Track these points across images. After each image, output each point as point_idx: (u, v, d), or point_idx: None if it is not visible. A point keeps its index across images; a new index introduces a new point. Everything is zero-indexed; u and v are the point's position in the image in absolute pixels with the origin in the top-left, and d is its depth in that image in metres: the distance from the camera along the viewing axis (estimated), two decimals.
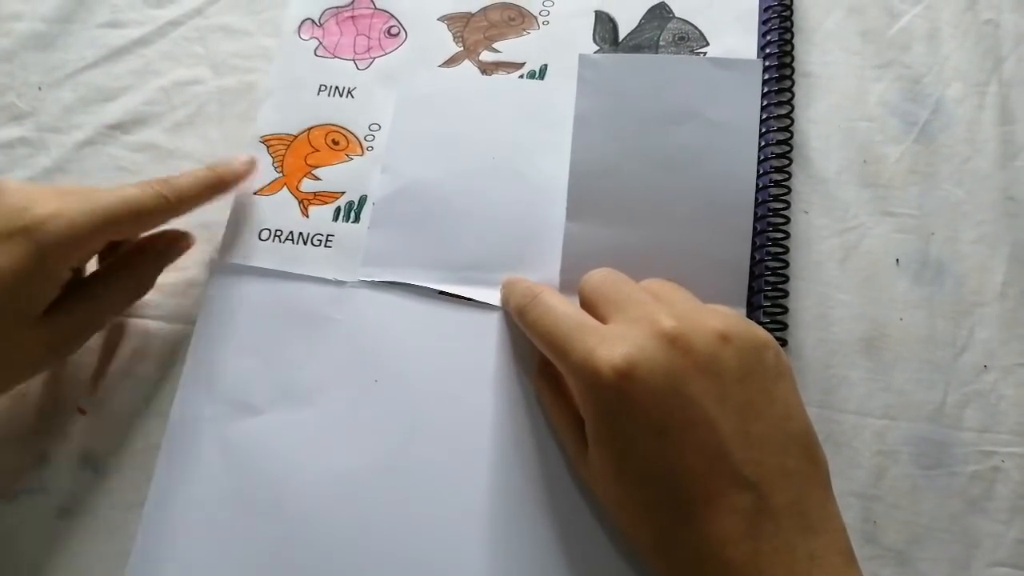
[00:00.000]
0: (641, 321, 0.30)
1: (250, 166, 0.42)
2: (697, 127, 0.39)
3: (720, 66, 0.40)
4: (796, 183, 0.41)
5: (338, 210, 0.42)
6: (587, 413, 0.30)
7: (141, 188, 0.36)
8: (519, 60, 0.44)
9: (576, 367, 0.30)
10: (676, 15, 0.45)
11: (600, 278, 0.34)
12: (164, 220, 0.37)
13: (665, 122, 0.39)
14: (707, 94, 0.39)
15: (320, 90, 0.45)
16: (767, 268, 0.38)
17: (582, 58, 0.41)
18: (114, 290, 0.37)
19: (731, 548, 0.27)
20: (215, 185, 0.39)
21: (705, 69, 0.40)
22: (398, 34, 0.46)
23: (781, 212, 0.39)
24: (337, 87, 0.45)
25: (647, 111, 0.40)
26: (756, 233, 0.38)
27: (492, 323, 0.38)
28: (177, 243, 0.40)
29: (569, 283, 0.38)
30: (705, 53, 0.43)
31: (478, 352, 0.38)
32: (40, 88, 0.46)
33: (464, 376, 0.37)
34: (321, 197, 0.42)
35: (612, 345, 0.29)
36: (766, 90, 0.42)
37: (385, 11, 0.47)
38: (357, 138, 0.43)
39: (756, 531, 0.27)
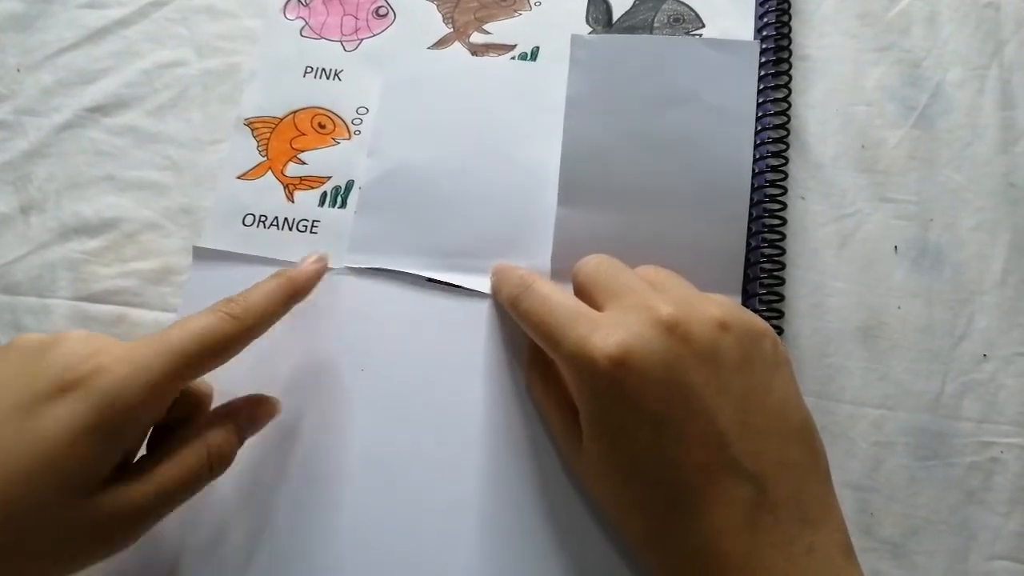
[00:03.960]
0: (638, 308, 0.29)
1: (322, 264, 0.36)
2: (692, 110, 0.38)
3: (716, 47, 0.39)
4: (793, 168, 0.40)
5: (324, 195, 0.41)
6: (582, 403, 0.30)
7: (210, 315, 0.30)
8: (510, 42, 0.43)
9: (570, 356, 0.29)
10: None
11: (595, 264, 0.33)
12: (241, 347, 0.31)
13: (659, 104, 0.38)
14: (702, 76, 0.38)
15: (306, 72, 0.44)
16: (763, 255, 0.38)
17: (574, 38, 0.40)
18: (186, 467, 0.29)
19: (728, 540, 0.26)
20: (290, 293, 0.34)
21: (700, 50, 0.39)
22: (386, 15, 0.45)
23: (777, 198, 0.38)
24: (324, 69, 0.44)
25: (641, 93, 0.39)
26: (752, 219, 0.38)
27: (481, 311, 0.37)
28: (262, 408, 0.34)
29: (561, 270, 0.37)
30: (701, 35, 0.43)
31: (467, 341, 0.37)
32: (18, 70, 0.45)
33: (453, 365, 0.37)
34: (307, 182, 0.41)
35: (607, 333, 0.28)
36: (763, 73, 0.41)
37: None
38: (344, 121, 0.42)
39: (754, 523, 0.26)
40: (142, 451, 0.31)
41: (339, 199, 0.40)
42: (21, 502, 0.26)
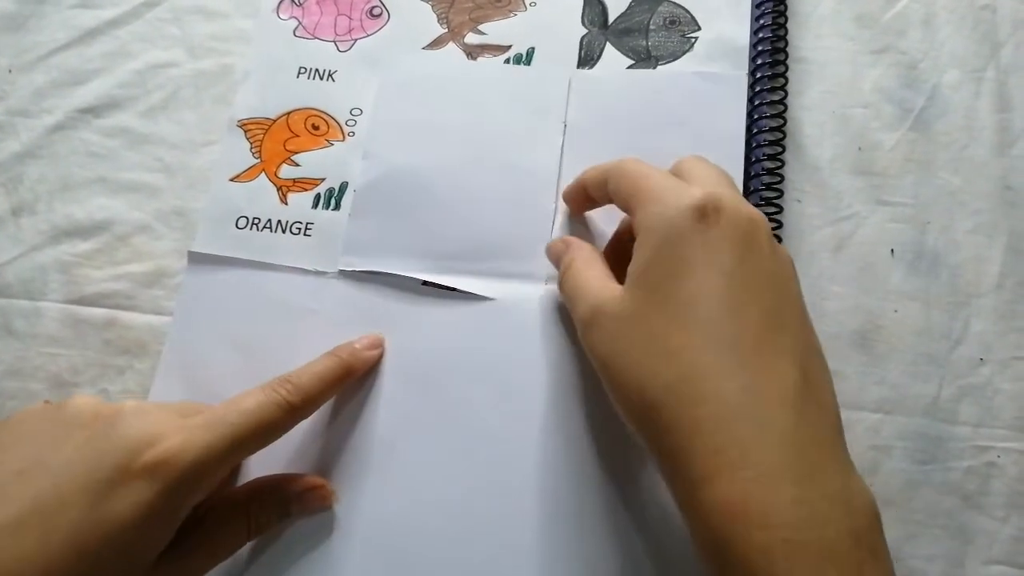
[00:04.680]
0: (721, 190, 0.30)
1: (379, 352, 0.37)
2: (685, 134, 0.39)
3: (705, 80, 0.40)
4: (789, 171, 0.40)
5: (318, 197, 0.40)
6: (652, 237, 0.28)
7: (264, 397, 0.31)
8: (505, 43, 0.43)
9: (665, 189, 0.29)
10: None
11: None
12: (291, 427, 0.32)
13: (654, 130, 0.40)
14: (693, 107, 0.40)
15: (300, 72, 0.43)
16: None
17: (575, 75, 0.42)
18: (230, 534, 0.32)
19: (771, 406, 0.25)
20: (342, 377, 0.34)
21: (690, 82, 0.39)
22: (380, 15, 0.45)
23: (773, 201, 0.38)
24: (317, 70, 0.43)
25: (636, 122, 0.40)
26: None
27: (477, 314, 0.37)
28: (316, 494, 0.34)
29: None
30: (697, 38, 0.42)
31: (463, 343, 0.37)
32: (10, 71, 0.45)
33: (448, 367, 0.36)
34: (300, 184, 0.41)
35: (702, 185, 0.29)
36: (759, 75, 0.41)
37: None
38: (338, 123, 0.42)
39: (800, 405, 0.25)
40: None
41: (333, 201, 0.40)
42: None
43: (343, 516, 0.34)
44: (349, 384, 0.36)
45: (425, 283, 0.38)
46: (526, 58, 0.43)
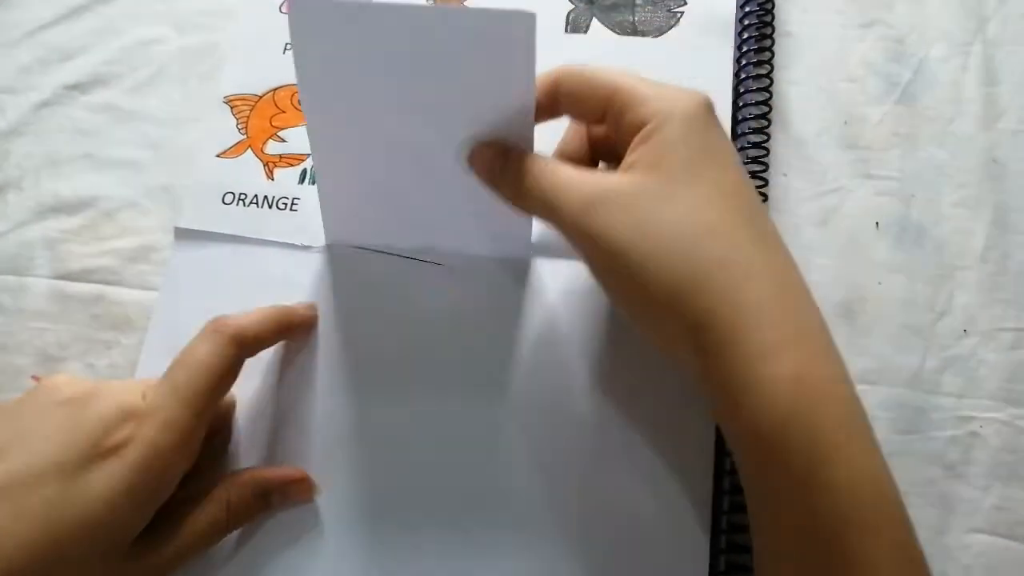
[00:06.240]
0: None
1: (314, 313, 0.37)
2: None
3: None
4: (775, 145, 0.40)
5: (304, 172, 0.40)
6: (676, 122, 0.28)
7: (212, 347, 0.31)
8: None
9: (660, 86, 0.29)
10: None
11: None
12: (242, 363, 0.32)
13: None
14: (678, 82, 0.39)
15: (286, 48, 0.43)
16: None
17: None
18: (209, 525, 0.31)
19: (800, 281, 0.28)
20: (282, 321, 0.35)
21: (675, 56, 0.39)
22: None
23: (759, 174, 0.38)
24: None
25: None
26: None
27: (465, 284, 0.37)
28: (297, 486, 0.34)
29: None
30: (683, 12, 0.42)
31: (451, 313, 0.37)
32: None
33: (437, 337, 0.36)
34: (287, 159, 0.41)
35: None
36: (745, 50, 0.41)
37: None
38: None
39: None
40: None
41: None
42: (68, 560, 0.27)
43: (325, 504, 0.34)
44: (308, 352, 0.36)
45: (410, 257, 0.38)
46: None
